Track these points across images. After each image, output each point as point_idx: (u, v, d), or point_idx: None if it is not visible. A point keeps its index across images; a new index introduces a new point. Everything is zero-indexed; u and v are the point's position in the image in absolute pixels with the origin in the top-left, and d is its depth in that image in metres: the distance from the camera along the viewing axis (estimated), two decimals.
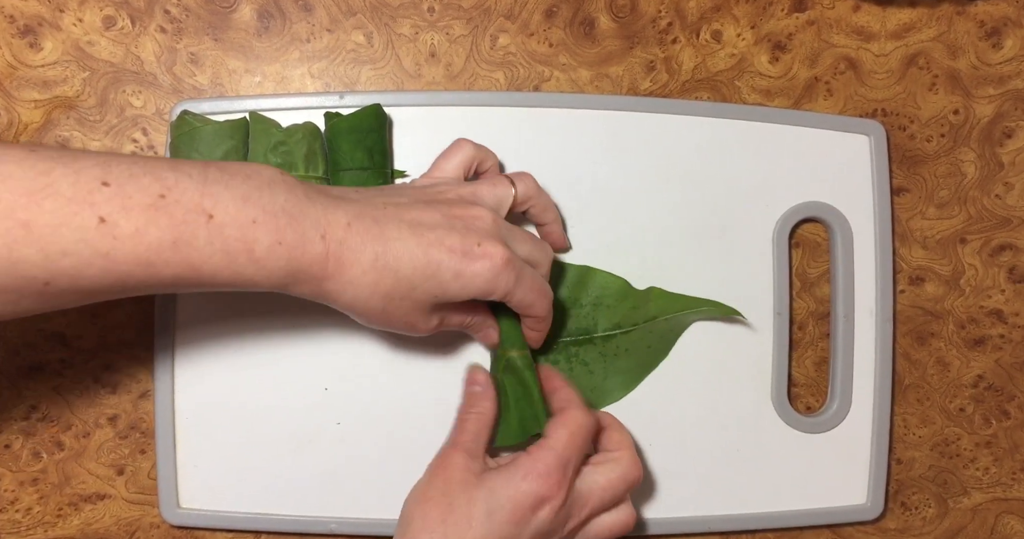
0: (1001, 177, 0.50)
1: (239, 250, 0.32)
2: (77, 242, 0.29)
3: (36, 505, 0.46)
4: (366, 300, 0.35)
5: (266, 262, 0.32)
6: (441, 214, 0.36)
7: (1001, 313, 0.50)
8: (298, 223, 0.33)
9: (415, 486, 0.39)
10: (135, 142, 0.46)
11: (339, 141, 0.43)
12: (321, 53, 0.47)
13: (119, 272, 0.30)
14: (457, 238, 0.35)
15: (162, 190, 0.30)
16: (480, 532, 0.36)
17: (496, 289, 0.36)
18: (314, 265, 0.33)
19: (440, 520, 0.36)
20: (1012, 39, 0.49)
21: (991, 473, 0.50)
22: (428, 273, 0.35)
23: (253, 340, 0.45)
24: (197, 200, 0.31)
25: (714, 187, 0.47)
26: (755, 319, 0.47)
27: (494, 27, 0.47)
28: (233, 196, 0.32)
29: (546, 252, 0.40)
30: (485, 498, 0.37)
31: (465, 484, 0.37)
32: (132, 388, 0.46)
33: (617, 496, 0.40)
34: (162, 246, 0.30)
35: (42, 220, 0.28)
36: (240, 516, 0.45)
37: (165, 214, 0.30)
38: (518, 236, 0.39)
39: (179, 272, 0.31)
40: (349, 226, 0.34)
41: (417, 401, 0.45)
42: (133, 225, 0.30)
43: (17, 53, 0.45)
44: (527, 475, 0.37)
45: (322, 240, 0.33)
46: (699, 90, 0.48)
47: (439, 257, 0.35)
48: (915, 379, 0.50)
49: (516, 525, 0.36)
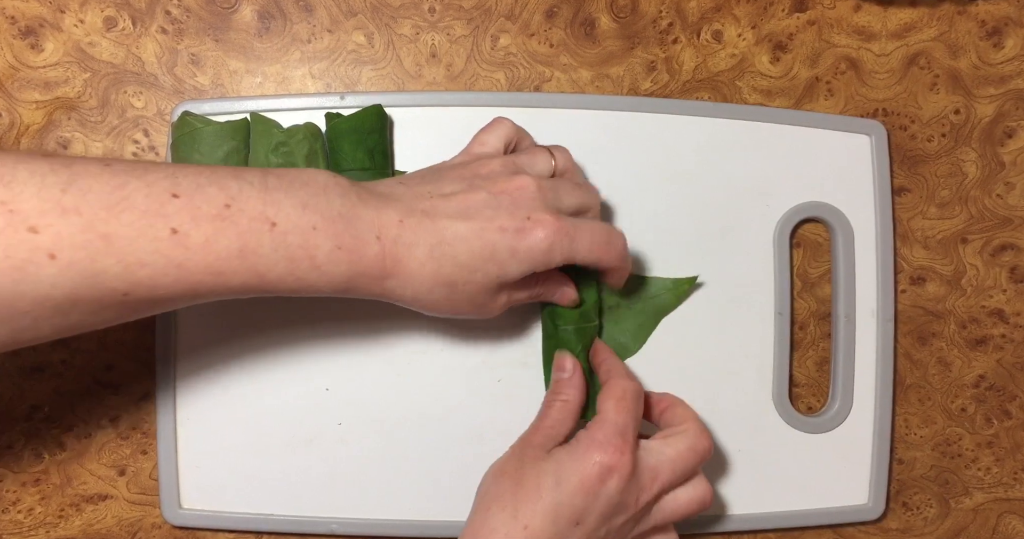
0: (1002, 177, 0.50)
1: (301, 257, 0.33)
2: (153, 253, 0.30)
3: (38, 506, 0.46)
4: (428, 291, 0.36)
5: (327, 267, 0.33)
6: (486, 193, 0.37)
7: (1002, 313, 0.50)
8: (354, 227, 0.34)
9: (493, 465, 0.40)
10: (136, 143, 0.46)
11: (340, 142, 0.43)
12: (322, 54, 0.47)
13: (191, 281, 0.31)
14: (506, 215, 0.36)
15: (227, 200, 0.31)
16: (549, 502, 0.36)
17: (554, 257, 0.37)
18: (373, 266, 0.34)
19: (511, 492, 0.37)
20: (1013, 39, 0.49)
21: (993, 473, 0.50)
22: (485, 255, 0.36)
23: (254, 341, 0.45)
24: (260, 208, 0.32)
25: (715, 187, 0.47)
26: (756, 319, 0.47)
27: (495, 27, 0.48)
28: (293, 203, 0.33)
29: (592, 194, 0.40)
30: (553, 470, 0.37)
31: (535, 460, 0.38)
32: (134, 389, 0.46)
33: (688, 468, 0.40)
34: (230, 255, 0.31)
35: (120, 232, 0.29)
36: (241, 516, 0.45)
37: (231, 224, 0.31)
38: (563, 190, 0.39)
39: (246, 280, 0.32)
40: (402, 223, 0.35)
41: (417, 402, 0.45)
42: (203, 235, 0.31)
43: (18, 54, 0.46)
44: (588, 446, 0.38)
45: (377, 241, 0.34)
46: (700, 90, 0.48)
47: (492, 238, 0.36)
48: (916, 379, 0.50)
49: (586, 496, 0.37)
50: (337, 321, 0.45)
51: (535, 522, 0.36)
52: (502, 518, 0.36)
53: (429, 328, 0.46)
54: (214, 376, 0.45)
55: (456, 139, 0.44)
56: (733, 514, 0.47)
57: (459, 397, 0.46)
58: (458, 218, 0.36)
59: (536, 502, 0.36)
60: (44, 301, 0.29)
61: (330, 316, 0.45)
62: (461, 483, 0.46)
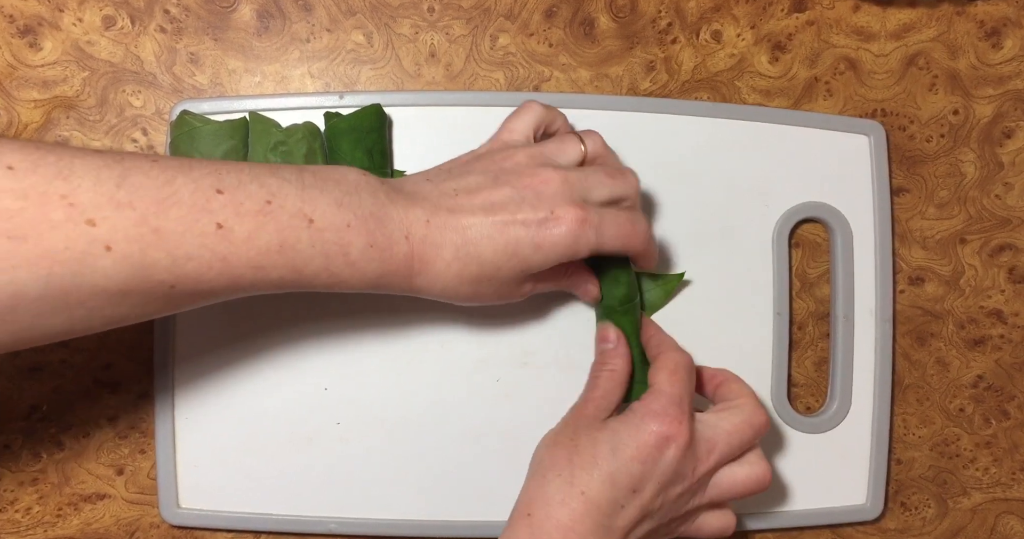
0: (1001, 177, 0.50)
1: (336, 253, 0.34)
2: (200, 247, 0.31)
3: (36, 505, 0.46)
4: (456, 288, 0.37)
5: (360, 265, 0.34)
6: (510, 187, 0.37)
7: (1001, 313, 0.50)
8: (384, 226, 0.35)
9: (546, 436, 0.40)
10: (135, 142, 0.46)
11: (339, 141, 0.43)
12: (321, 53, 0.47)
13: (233, 275, 0.32)
14: (529, 210, 0.36)
15: (268, 196, 0.32)
16: (607, 470, 0.37)
17: (579, 250, 0.37)
18: (401, 265, 0.35)
19: (567, 460, 0.38)
20: (1012, 39, 0.49)
21: (991, 473, 0.50)
22: (509, 252, 0.36)
23: (253, 340, 0.45)
24: (299, 205, 0.33)
25: (714, 187, 0.47)
26: (755, 319, 0.47)
27: (494, 27, 0.47)
28: (328, 201, 0.34)
29: (629, 183, 0.40)
30: (608, 439, 0.38)
31: (590, 429, 0.39)
32: (132, 388, 0.46)
33: (745, 441, 0.40)
34: (270, 249, 0.32)
35: (170, 227, 0.30)
36: (240, 516, 0.45)
37: (272, 219, 0.32)
38: (594, 180, 0.39)
39: (284, 274, 0.33)
40: (428, 223, 0.35)
41: (417, 401, 0.45)
42: (246, 230, 0.32)
43: (17, 53, 0.45)
44: (644, 415, 0.38)
45: (406, 241, 0.35)
46: (699, 90, 0.48)
47: (516, 234, 0.36)
48: (915, 379, 0.50)
49: (643, 463, 0.37)
50: (336, 320, 0.45)
51: (592, 488, 0.36)
52: (558, 484, 0.37)
53: (429, 328, 0.46)
54: (213, 375, 0.45)
55: (455, 139, 0.44)
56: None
57: (459, 397, 0.46)
58: (482, 214, 0.36)
59: (592, 469, 0.37)
60: (99, 292, 0.29)
61: (329, 315, 0.45)
62: (461, 483, 0.46)
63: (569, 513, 0.36)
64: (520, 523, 0.37)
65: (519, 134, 0.41)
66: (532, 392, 0.46)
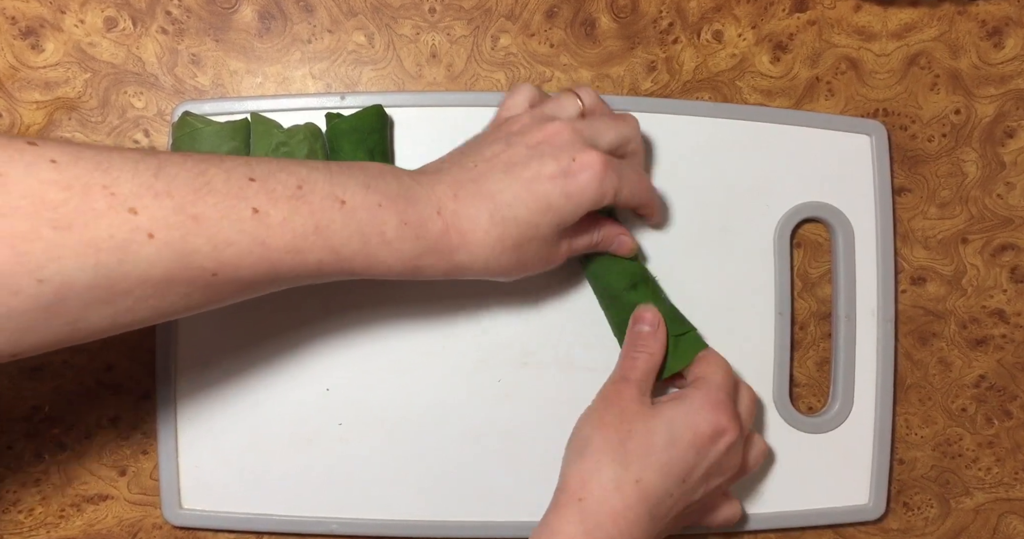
0: (1003, 177, 0.50)
1: (372, 232, 0.34)
2: (239, 232, 0.31)
3: (38, 506, 0.46)
4: (499, 257, 0.37)
5: (397, 243, 0.35)
6: (524, 146, 0.37)
7: (1003, 313, 0.50)
8: (414, 204, 0.35)
9: (586, 414, 0.41)
10: (137, 143, 0.46)
11: (340, 142, 0.43)
12: (322, 54, 0.47)
13: (272, 259, 0.32)
14: (551, 162, 0.37)
15: (299, 182, 0.33)
16: (664, 459, 0.38)
17: (606, 193, 0.37)
18: (439, 241, 0.35)
19: (620, 443, 0.38)
20: (1013, 39, 0.49)
21: (993, 473, 0.50)
22: (542, 207, 0.36)
23: (254, 341, 0.45)
24: (328, 189, 0.34)
25: (715, 187, 0.47)
26: (757, 319, 0.47)
27: (495, 28, 0.48)
28: (357, 183, 0.34)
29: (631, 124, 0.41)
30: (665, 427, 0.38)
31: (642, 415, 0.39)
32: (134, 389, 0.46)
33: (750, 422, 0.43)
34: (306, 231, 0.33)
35: (208, 213, 0.31)
36: (242, 517, 0.45)
37: (305, 203, 0.33)
38: (598, 124, 0.40)
39: (322, 257, 0.34)
40: (456, 197, 0.36)
41: (418, 401, 0.45)
42: (281, 214, 0.32)
43: (19, 54, 0.46)
44: (703, 406, 0.39)
45: (439, 216, 0.35)
46: (700, 90, 0.48)
47: (544, 188, 0.36)
48: (917, 379, 0.50)
49: (697, 453, 0.38)
50: (338, 321, 0.45)
51: (647, 476, 0.37)
52: (614, 469, 0.37)
53: (430, 328, 0.46)
54: (214, 376, 0.45)
55: (457, 139, 0.44)
56: None
57: (459, 397, 0.46)
58: (506, 177, 0.36)
59: (649, 456, 0.38)
60: (144, 280, 0.30)
61: (331, 316, 0.45)
62: (461, 483, 0.46)
63: (623, 500, 0.37)
64: (571, 508, 0.37)
65: (517, 108, 0.41)
66: (532, 392, 0.46)
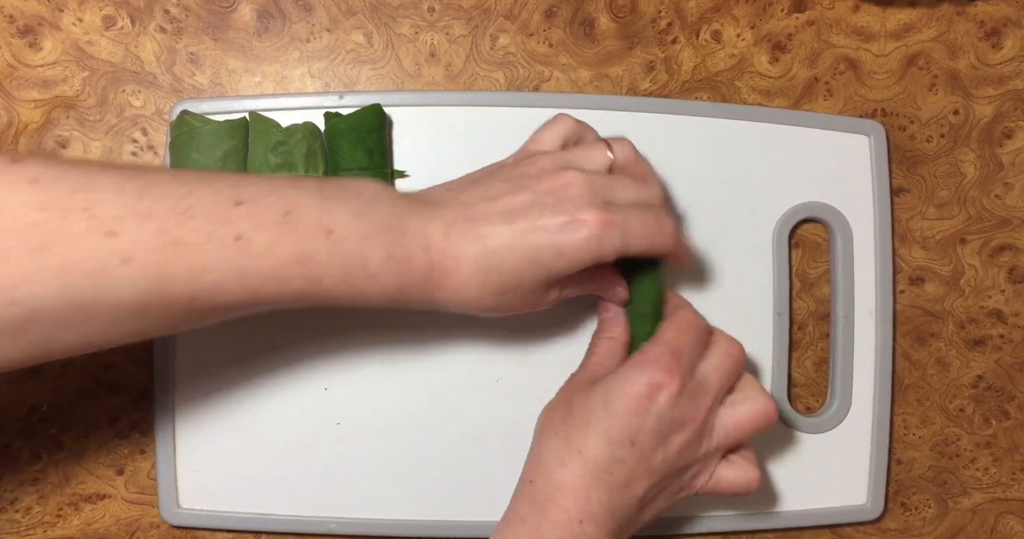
0: (1001, 177, 0.50)
1: (355, 265, 0.33)
2: (219, 260, 0.30)
3: (36, 505, 0.46)
4: (479, 300, 0.36)
5: (379, 277, 0.34)
6: (531, 193, 0.36)
7: (1001, 313, 0.50)
8: (403, 237, 0.34)
9: (545, 406, 0.40)
10: (135, 142, 0.46)
11: (339, 141, 0.43)
12: (321, 53, 0.47)
13: (252, 287, 0.32)
14: (550, 215, 0.35)
15: (287, 207, 0.32)
16: (602, 426, 0.37)
17: (605, 253, 0.36)
18: (422, 278, 0.34)
19: (562, 422, 0.38)
20: (1012, 39, 0.49)
21: (991, 473, 0.50)
22: (529, 259, 0.35)
23: (253, 340, 0.45)
24: (317, 216, 0.33)
25: (714, 187, 0.47)
26: (755, 319, 0.47)
27: (494, 27, 0.47)
28: (347, 212, 0.33)
29: (652, 190, 0.39)
30: (601, 395, 0.37)
31: (581, 390, 0.39)
32: (132, 388, 0.46)
33: (731, 372, 0.39)
34: (287, 261, 0.32)
35: (189, 238, 0.30)
36: (240, 516, 0.45)
37: (291, 230, 0.32)
38: (619, 184, 0.37)
39: (303, 287, 0.33)
40: (447, 235, 0.35)
41: (417, 401, 0.45)
42: (264, 242, 0.31)
43: (17, 53, 0.45)
44: (636, 366, 0.38)
45: (425, 253, 0.34)
46: (699, 90, 0.48)
47: (536, 240, 0.35)
48: (915, 379, 0.50)
49: (635, 415, 0.37)
50: (337, 321, 0.45)
51: (588, 446, 0.36)
52: (555, 445, 0.37)
53: (429, 328, 0.46)
54: (213, 376, 0.45)
55: (455, 139, 0.44)
56: (731, 514, 0.47)
57: (458, 397, 0.46)
58: (501, 222, 0.35)
59: (587, 427, 0.37)
60: (118, 306, 0.29)
61: (330, 316, 0.45)
62: (460, 483, 0.46)
63: (569, 473, 0.36)
64: (522, 492, 0.37)
65: (546, 144, 0.40)
66: (532, 392, 0.45)
